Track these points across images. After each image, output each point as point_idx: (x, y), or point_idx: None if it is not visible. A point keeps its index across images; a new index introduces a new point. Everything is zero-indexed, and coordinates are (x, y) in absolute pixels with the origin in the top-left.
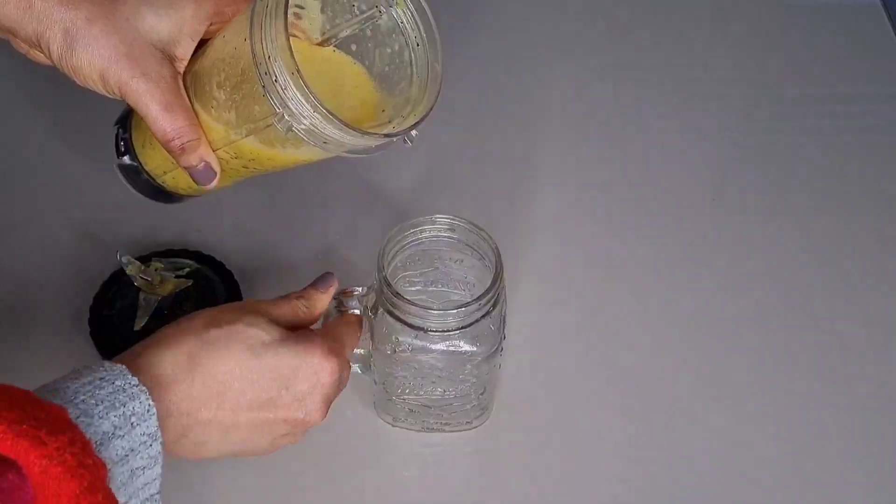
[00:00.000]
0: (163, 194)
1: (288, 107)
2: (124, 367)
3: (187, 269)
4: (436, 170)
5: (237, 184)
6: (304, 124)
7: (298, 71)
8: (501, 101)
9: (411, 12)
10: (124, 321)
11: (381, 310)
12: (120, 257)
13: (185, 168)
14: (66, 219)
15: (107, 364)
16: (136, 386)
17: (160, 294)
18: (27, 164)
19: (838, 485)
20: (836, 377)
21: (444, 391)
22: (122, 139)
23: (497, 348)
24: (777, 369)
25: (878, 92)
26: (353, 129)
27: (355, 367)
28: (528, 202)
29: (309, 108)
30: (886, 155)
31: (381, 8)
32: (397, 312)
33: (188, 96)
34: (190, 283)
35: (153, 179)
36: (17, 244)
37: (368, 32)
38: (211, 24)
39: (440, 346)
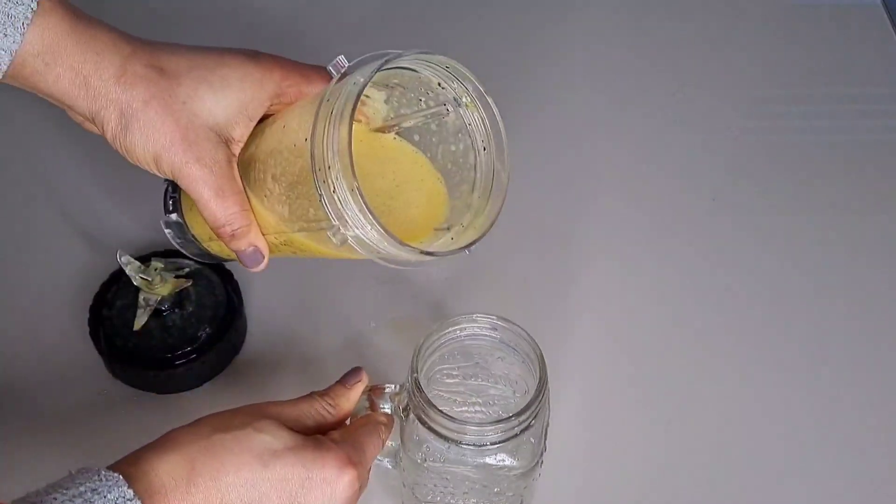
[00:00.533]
0: (207, 255)
1: (344, 220)
2: (120, 476)
3: (187, 269)
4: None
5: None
6: (360, 237)
7: (359, 188)
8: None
9: (480, 117)
10: (124, 321)
11: (412, 414)
12: (119, 257)
13: (234, 251)
14: (66, 219)
15: (102, 473)
16: (131, 501)
17: (160, 294)
18: (27, 163)
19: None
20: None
21: (478, 503)
22: (171, 197)
23: (537, 462)
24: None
25: (878, 92)
26: (411, 247)
27: (385, 462)
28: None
29: (367, 224)
30: (887, 154)
31: (449, 107)
32: (429, 422)
33: (242, 179)
34: (189, 283)
35: (198, 242)
36: (17, 244)
37: (434, 127)
38: (271, 104)
39: (475, 460)
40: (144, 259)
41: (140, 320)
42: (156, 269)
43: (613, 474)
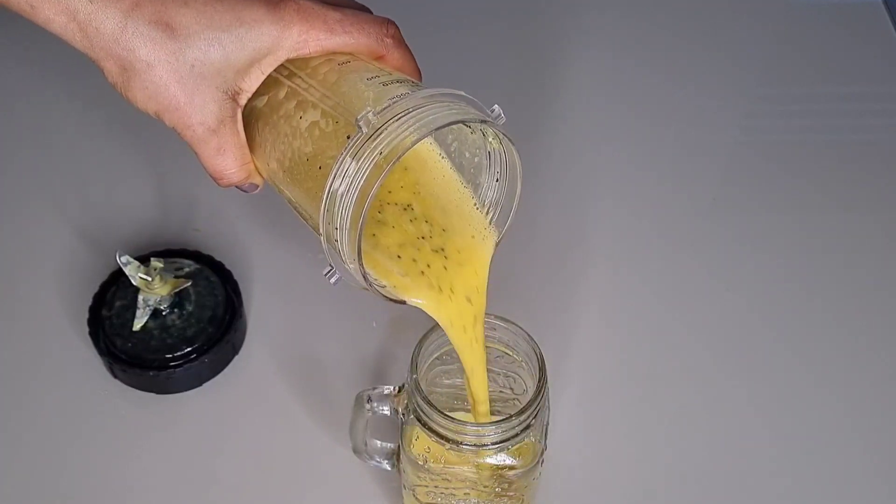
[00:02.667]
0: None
1: (344, 269)
2: None
3: (186, 269)
4: None
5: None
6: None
7: (360, 259)
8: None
9: (501, 153)
10: (123, 321)
11: (412, 416)
12: (119, 257)
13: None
14: (66, 219)
15: None
16: None
17: (159, 294)
18: (26, 163)
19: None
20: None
21: (480, 502)
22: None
23: (538, 461)
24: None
25: (879, 91)
26: (397, 301)
27: (384, 464)
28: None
29: (362, 280)
30: (888, 154)
31: (473, 127)
32: (430, 423)
33: (246, 129)
34: (189, 283)
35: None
36: (16, 244)
37: (451, 135)
38: (289, 57)
39: (476, 460)
40: (144, 259)
41: (139, 320)
42: (155, 269)
43: (614, 474)
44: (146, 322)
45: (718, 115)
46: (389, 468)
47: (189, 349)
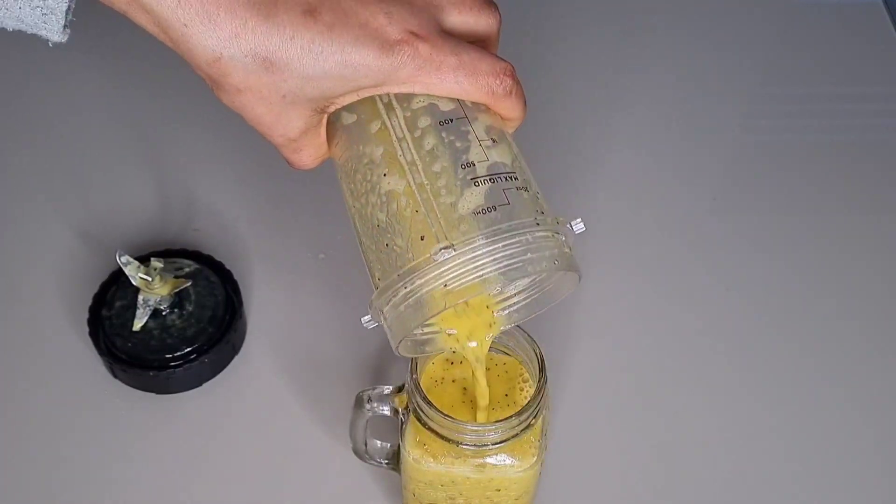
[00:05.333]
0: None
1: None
2: None
3: (186, 269)
4: None
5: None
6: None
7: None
8: None
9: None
10: (123, 321)
11: (412, 416)
12: (119, 257)
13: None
14: (66, 219)
15: None
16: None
17: (159, 294)
18: (27, 163)
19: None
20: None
21: (480, 502)
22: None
23: (538, 459)
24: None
25: (879, 91)
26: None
27: (384, 464)
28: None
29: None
30: (888, 154)
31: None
32: (430, 423)
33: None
34: (189, 284)
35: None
36: (15, 244)
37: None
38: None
39: (476, 460)
40: (144, 259)
41: (139, 320)
42: (155, 269)
43: (614, 473)
44: (146, 322)
45: (718, 115)
46: (389, 468)
47: (189, 349)
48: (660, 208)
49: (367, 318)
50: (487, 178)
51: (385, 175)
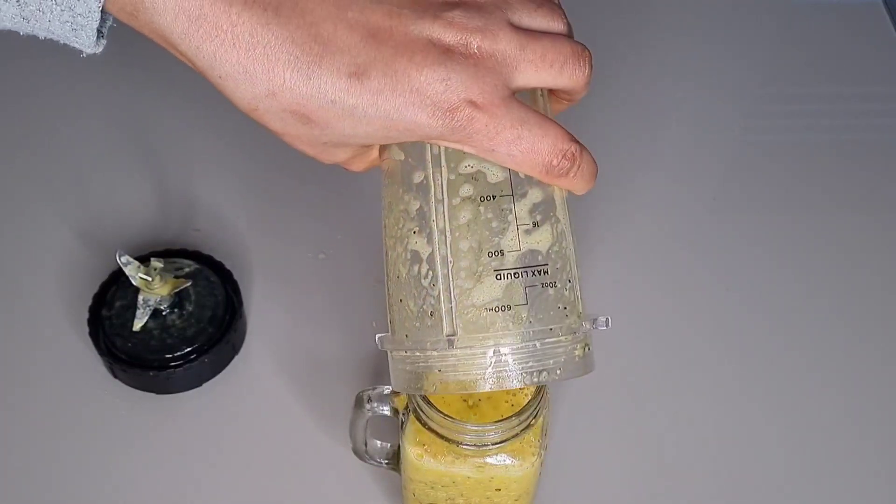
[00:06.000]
0: None
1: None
2: None
3: (186, 269)
4: None
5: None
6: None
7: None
8: None
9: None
10: (123, 321)
11: (412, 416)
12: (119, 257)
13: None
14: (66, 219)
15: None
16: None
17: (159, 294)
18: (27, 163)
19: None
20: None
21: (480, 502)
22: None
23: (538, 459)
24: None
25: (879, 91)
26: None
27: (383, 464)
28: None
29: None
30: (888, 154)
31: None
32: (429, 423)
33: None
34: (189, 284)
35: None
36: (15, 244)
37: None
38: None
39: (476, 460)
40: (144, 259)
41: (139, 321)
42: (155, 269)
43: (614, 473)
44: (146, 322)
45: (719, 114)
46: (389, 468)
47: (189, 349)
48: (660, 208)
49: (379, 336)
50: (512, 271)
51: (415, 233)
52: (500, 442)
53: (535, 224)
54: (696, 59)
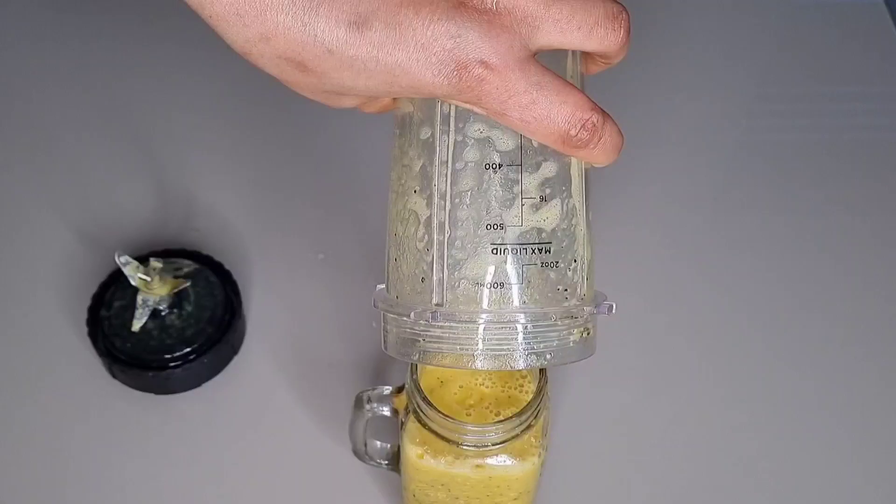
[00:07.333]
0: None
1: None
2: None
3: (186, 270)
4: None
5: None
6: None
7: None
8: None
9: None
10: (122, 322)
11: (412, 416)
12: (118, 257)
13: None
14: (65, 219)
15: None
16: None
17: (158, 294)
18: (26, 163)
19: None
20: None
21: (480, 502)
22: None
23: (538, 459)
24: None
25: (879, 91)
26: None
27: (383, 465)
28: None
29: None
30: (888, 154)
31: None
32: (430, 424)
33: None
34: (188, 284)
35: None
36: (14, 244)
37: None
38: None
39: (476, 460)
40: (143, 259)
41: (139, 321)
42: (154, 270)
43: (615, 473)
44: (145, 322)
45: (718, 115)
46: (389, 469)
47: (188, 349)
48: (660, 208)
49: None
50: (510, 247)
51: (415, 192)
52: (501, 442)
53: (543, 199)
54: (696, 59)
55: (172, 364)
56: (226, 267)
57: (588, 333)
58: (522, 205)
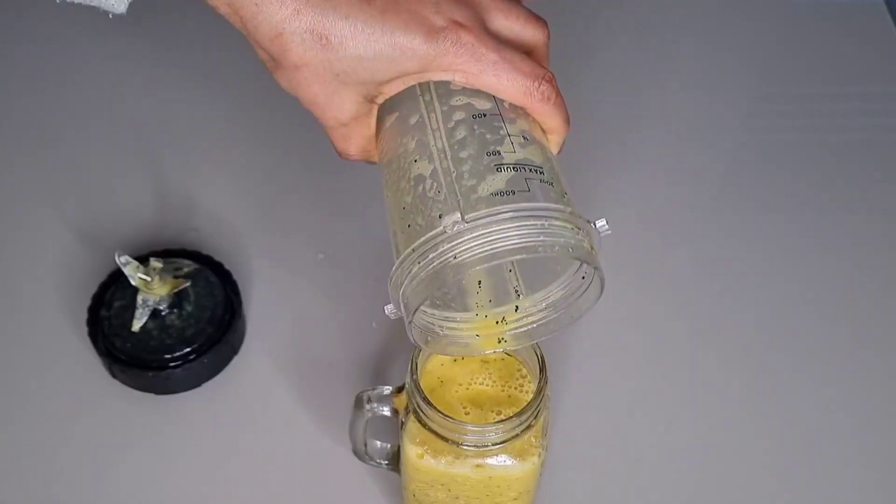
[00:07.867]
0: None
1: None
2: None
3: (185, 270)
4: None
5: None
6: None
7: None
8: None
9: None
10: (122, 322)
11: (412, 416)
12: (118, 257)
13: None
14: (65, 219)
15: None
16: None
17: (158, 294)
18: (26, 163)
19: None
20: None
21: (480, 502)
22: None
23: (538, 459)
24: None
25: (879, 91)
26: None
27: (383, 465)
28: None
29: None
30: (888, 154)
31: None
32: (430, 424)
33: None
34: (188, 284)
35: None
36: (15, 244)
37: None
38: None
39: (476, 461)
40: (143, 259)
41: (139, 321)
42: (154, 270)
43: (615, 473)
44: (145, 322)
45: (718, 115)
46: (389, 469)
47: (188, 349)
48: (660, 208)
49: (389, 306)
50: (513, 166)
51: (416, 161)
52: (501, 442)
53: (526, 139)
54: (696, 59)
55: (172, 364)
56: (226, 267)
57: (593, 249)
58: (512, 142)
